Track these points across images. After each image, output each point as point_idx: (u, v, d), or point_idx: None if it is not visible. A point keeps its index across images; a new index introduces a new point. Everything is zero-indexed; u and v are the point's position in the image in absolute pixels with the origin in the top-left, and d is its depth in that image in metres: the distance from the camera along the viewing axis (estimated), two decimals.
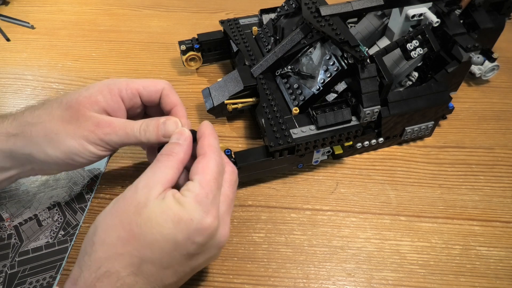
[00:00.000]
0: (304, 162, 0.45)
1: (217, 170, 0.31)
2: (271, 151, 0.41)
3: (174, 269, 0.30)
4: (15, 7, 0.74)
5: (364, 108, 0.41)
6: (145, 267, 0.28)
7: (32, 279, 0.37)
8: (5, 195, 0.44)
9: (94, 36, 0.67)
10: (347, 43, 0.41)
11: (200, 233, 0.29)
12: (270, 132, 0.41)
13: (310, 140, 0.41)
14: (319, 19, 0.43)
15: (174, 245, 0.28)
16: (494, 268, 0.39)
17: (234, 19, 0.58)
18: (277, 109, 0.44)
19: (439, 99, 0.45)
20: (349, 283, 0.38)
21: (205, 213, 0.29)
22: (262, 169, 0.43)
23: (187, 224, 0.28)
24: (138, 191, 0.30)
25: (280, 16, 0.53)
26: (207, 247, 0.30)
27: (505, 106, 0.55)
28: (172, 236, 0.28)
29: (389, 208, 0.43)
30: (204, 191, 0.30)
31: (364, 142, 0.46)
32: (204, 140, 0.33)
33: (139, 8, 0.74)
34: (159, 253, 0.28)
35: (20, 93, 0.57)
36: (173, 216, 0.28)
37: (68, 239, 0.40)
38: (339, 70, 0.42)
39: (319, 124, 0.42)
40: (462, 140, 0.50)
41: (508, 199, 0.44)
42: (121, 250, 0.28)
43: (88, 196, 0.44)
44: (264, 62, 0.47)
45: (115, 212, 0.30)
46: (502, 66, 0.56)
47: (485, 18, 0.49)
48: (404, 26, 0.47)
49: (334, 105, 0.42)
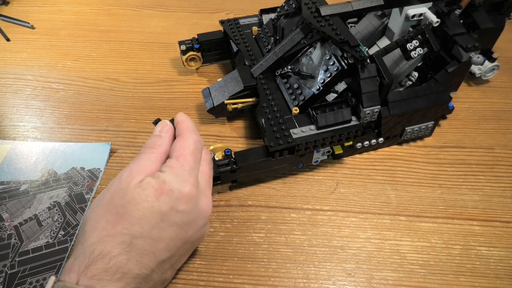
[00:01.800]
0: (304, 162, 0.45)
1: (194, 146, 0.34)
2: (271, 151, 0.41)
3: (165, 242, 0.31)
4: (15, 7, 0.74)
5: (364, 108, 0.41)
6: (136, 243, 0.29)
7: (32, 279, 0.37)
8: (5, 195, 0.44)
9: (94, 36, 0.67)
10: (347, 43, 0.41)
11: (182, 201, 0.31)
12: (270, 132, 0.41)
13: (310, 140, 0.41)
14: (319, 19, 0.43)
15: (160, 216, 0.30)
16: (494, 268, 0.39)
17: (234, 19, 0.58)
18: (277, 109, 0.44)
19: (439, 99, 0.45)
20: (349, 283, 0.38)
21: (183, 182, 0.31)
22: (262, 169, 0.43)
23: (169, 194, 0.30)
24: (122, 181, 0.32)
25: (280, 16, 0.53)
26: (192, 216, 0.32)
27: (505, 106, 0.55)
28: (157, 208, 0.30)
29: (389, 208, 0.43)
30: (179, 163, 0.32)
31: (364, 142, 0.46)
32: (182, 124, 0.36)
33: (139, 8, 0.74)
34: (147, 226, 0.30)
35: (20, 93, 0.57)
36: (154, 190, 0.30)
37: (68, 239, 0.40)
38: (339, 70, 0.42)
39: (319, 124, 0.42)
40: (462, 140, 0.50)
41: (508, 199, 0.44)
42: (111, 231, 0.29)
43: (88, 196, 0.44)
44: (264, 62, 0.47)
45: (101, 202, 0.32)
46: (502, 66, 0.56)
47: (485, 18, 0.49)
48: (404, 26, 0.47)
49: (334, 105, 0.42)
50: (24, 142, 0.50)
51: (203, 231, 0.35)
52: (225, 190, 0.45)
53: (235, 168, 0.41)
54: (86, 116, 0.53)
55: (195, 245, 0.36)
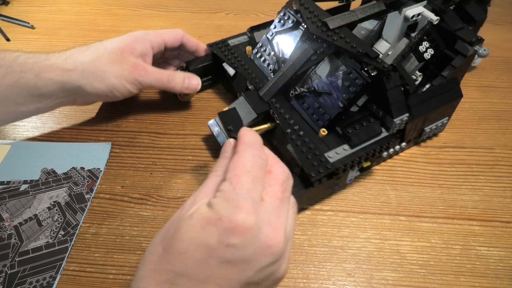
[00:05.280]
0: (339, 184, 0.43)
1: (251, 163, 0.28)
2: (313, 181, 0.37)
3: (216, 283, 0.26)
4: (15, 7, 0.75)
5: (394, 119, 0.40)
6: (180, 282, 0.25)
7: (32, 279, 0.37)
8: (5, 195, 0.44)
9: (94, 36, 0.67)
10: (367, 55, 0.39)
11: (233, 232, 0.25)
12: (305, 161, 0.38)
13: (347, 162, 0.39)
14: (330, 33, 0.41)
15: (207, 251, 0.25)
16: (494, 268, 0.39)
17: (223, 41, 0.54)
18: (303, 134, 0.41)
19: (453, 95, 0.45)
20: (349, 283, 0.38)
21: (235, 208, 0.26)
22: (302, 201, 0.40)
23: (217, 224, 0.25)
24: (184, 208, 0.28)
25: (276, 33, 0.49)
26: (249, 252, 0.26)
27: (505, 106, 0.55)
28: (202, 241, 0.25)
29: (389, 208, 0.43)
30: (232, 186, 0.27)
31: (389, 150, 0.46)
32: (240, 139, 0.31)
33: (139, 8, 0.75)
34: (192, 262, 0.25)
35: None
36: (201, 219, 0.26)
37: (68, 239, 0.40)
38: (364, 84, 0.40)
39: (353, 143, 0.40)
40: (462, 140, 0.50)
41: (508, 199, 0.44)
42: (156, 266, 0.26)
43: (88, 196, 0.44)
44: (273, 85, 0.44)
45: (161, 230, 0.28)
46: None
47: (477, 10, 0.49)
48: (403, 27, 0.47)
49: (361, 120, 0.41)
50: (24, 142, 0.50)
51: (273, 272, 0.27)
52: None
53: None
54: (86, 116, 0.53)
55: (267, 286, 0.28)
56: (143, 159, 0.48)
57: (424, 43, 0.43)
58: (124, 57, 0.44)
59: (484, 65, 0.61)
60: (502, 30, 0.70)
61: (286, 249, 0.28)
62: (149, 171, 0.47)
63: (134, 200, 0.44)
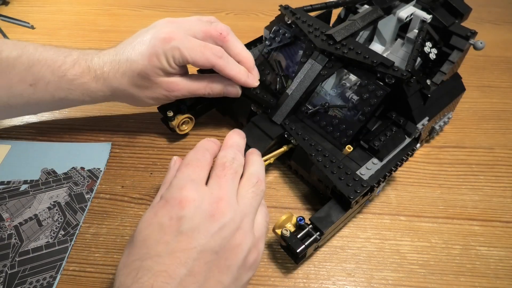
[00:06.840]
0: (370, 198, 0.42)
1: (190, 157, 0.33)
2: (352, 202, 0.36)
3: (176, 256, 0.27)
4: (15, 7, 0.75)
5: (417, 125, 0.40)
6: (145, 265, 0.28)
7: (32, 279, 0.37)
8: (5, 195, 0.44)
9: (94, 36, 0.67)
10: (382, 65, 0.39)
11: (178, 206, 0.29)
12: (340, 183, 0.37)
13: (381, 176, 0.38)
14: (338, 46, 0.41)
15: (162, 229, 0.28)
16: (494, 268, 0.39)
17: None
18: (329, 154, 0.39)
19: (458, 89, 0.46)
20: (349, 283, 0.38)
21: (179, 189, 0.30)
22: (341, 222, 0.39)
23: (165, 206, 0.29)
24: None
25: (271, 50, 0.47)
26: (196, 220, 0.28)
27: (505, 106, 0.55)
28: (157, 223, 0.29)
29: (389, 208, 0.43)
30: (175, 177, 0.31)
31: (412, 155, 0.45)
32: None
33: (139, 8, 0.75)
34: (152, 244, 0.28)
35: None
36: (153, 208, 0.30)
37: (68, 239, 0.40)
38: (384, 94, 0.39)
39: (381, 155, 0.39)
40: (462, 140, 0.50)
41: (508, 199, 0.44)
42: (124, 263, 0.29)
43: (88, 196, 0.44)
44: (284, 106, 0.43)
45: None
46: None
47: (462, 3, 0.49)
48: (396, 28, 0.47)
49: (384, 130, 0.40)
50: (24, 142, 0.50)
51: (227, 238, 0.29)
52: None
53: (319, 236, 0.35)
54: (86, 116, 0.53)
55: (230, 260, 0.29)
56: (143, 159, 0.48)
57: (427, 43, 0.43)
58: (153, 81, 0.42)
59: (484, 65, 0.61)
60: (502, 30, 0.70)
61: (242, 220, 0.30)
62: (149, 171, 0.47)
63: (134, 200, 0.44)
